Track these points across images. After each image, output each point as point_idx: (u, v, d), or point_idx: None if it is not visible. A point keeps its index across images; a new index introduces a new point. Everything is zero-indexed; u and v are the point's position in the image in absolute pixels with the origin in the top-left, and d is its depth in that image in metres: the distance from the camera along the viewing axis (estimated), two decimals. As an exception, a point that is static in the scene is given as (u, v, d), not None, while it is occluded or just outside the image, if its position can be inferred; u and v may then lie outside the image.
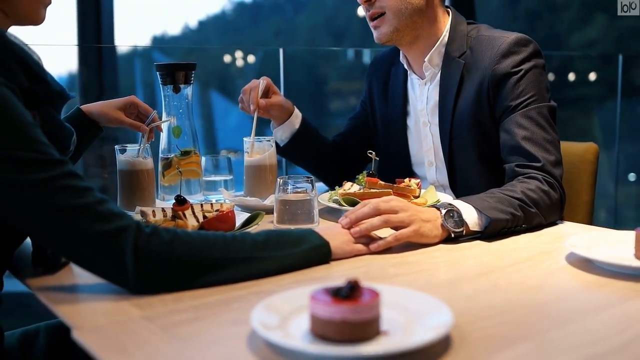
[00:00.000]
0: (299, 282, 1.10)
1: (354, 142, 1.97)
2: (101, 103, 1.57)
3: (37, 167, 0.98)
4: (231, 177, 1.80)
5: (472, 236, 1.37)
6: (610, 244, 1.24)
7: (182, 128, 1.70)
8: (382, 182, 1.65)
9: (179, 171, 1.50)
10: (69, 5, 3.60)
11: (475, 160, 1.68)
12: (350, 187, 1.68)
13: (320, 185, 2.02)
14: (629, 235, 1.21)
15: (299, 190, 1.41)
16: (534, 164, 1.50)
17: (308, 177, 1.41)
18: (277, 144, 1.88)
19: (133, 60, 4.45)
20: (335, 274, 1.17)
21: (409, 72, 1.81)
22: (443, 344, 0.84)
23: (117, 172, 1.57)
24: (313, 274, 1.16)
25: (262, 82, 1.76)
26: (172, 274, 1.05)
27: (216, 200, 1.72)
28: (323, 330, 0.83)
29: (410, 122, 1.84)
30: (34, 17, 1.22)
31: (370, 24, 1.70)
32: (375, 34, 1.69)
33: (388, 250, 1.29)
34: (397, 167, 1.88)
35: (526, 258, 1.24)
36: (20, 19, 1.20)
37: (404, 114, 1.84)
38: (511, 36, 1.61)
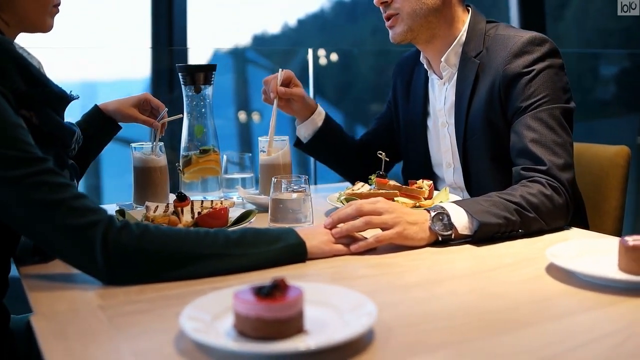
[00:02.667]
0: (269, 280, 1.13)
1: (378, 142, 1.96)
2: (117, 100, 1.66)
3: (17, 164, 1.06)
4: (251, 175, 1.85)
5: (464, 240, 1.34)
6: (595, 253, 1.18)
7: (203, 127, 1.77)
8: (392, 183, 1.64)
9: (180, 171, 1.56)
10: (144, 9, 3.78)
11: (488, 162, 1.64)
12: (361, 187, 1.69)
13: (346, 184, 2.04)
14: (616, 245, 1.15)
15: (295, 189, 1.43)
16: (539, 167, 1.45)
17: (303, 177, 1.43)
18: (299, 141, 1.92)
19: (225, 60, 4.57)
20: (309, 273, 1.19)
21: (429, 72, 1.79)
22: (360, 345, 0.84)
23: (132, 169, 1.66)
24: (286, 272, 1.18)
25: (281, 72, 1.79)
26: (141, 267, 1.10)
27: (237, 198, 1.78)
28: (242, 327, 0.86)
29: (430, 122, 1.82)
30: (41, 26, 1.31)
31: (386, 24, 1.70)
32: (390, 33, 1.69)
33: (372, 251, 1.30)
34: (418, 168, 1.86)
35: (507, 264, 1.21)
36: (27, 28, 1.30)
37: (424, 114, 1.82)
38: (526, 35, 1.57)
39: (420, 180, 1.66)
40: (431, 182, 1.66)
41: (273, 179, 1.43)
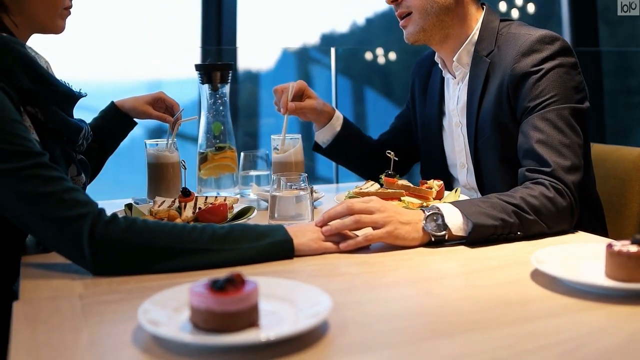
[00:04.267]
0: (254, 275, 1.14)
1: (397, 141, 1.96)
2: (132, 98, 1.72)
3: (11, 157, 1.12)
4: (268, 172, 1.88)
5: (459, 241, 1.33)
6: (585, 259, 1.14)
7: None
8: (400, 183, 1.64)
9: (183, 166, 1.60)
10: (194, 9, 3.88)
11: (498, 163, 1.61)
12: (370, 186, 1.69)
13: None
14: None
15: (295, 187, 1.45)
16: (543, 168, 1.42)
17: (303, 175, 1.45)
18: (318, 145, 1.93)
19: (291, 59, 4.62)
20: (291, 269, 1.20)
21: (443, 71, 1.77)
22: (307, 342, 0.85)
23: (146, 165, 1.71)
24: (273, 267, 1.20)
25: (293, 85, 1.80)
26: (126, 260, 1.15)
27: (253, 195, 1.82)
28: (195, 319, 0.88)
29: (445, 122, 1.80)
30: (51, 28, 1.37)
31: (400, 24, 1.69)
32: (404, 33, 1.68)
33: (363, 250, 1.30)
34: (435, 168, 1.85)
35: (492, 267, 1.19)
36: (37, 30, 1.36)
37: (440, 114, 1.81)
38: (536, 33, 1.53)
39: (431, 180, 1.65)
40: (441, 182, 1.64)
41: (273, 176, 1.45)
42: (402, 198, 1.58)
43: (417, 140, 1.93)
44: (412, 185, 1.63)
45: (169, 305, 0.94)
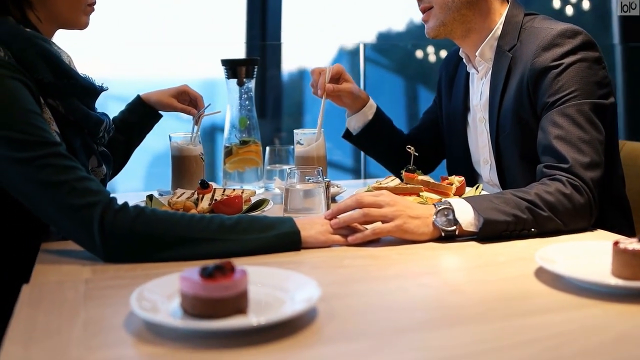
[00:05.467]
0: (259, 265, 1.16)
1: (425, 137, 1.95)
2: (157, 91, 1.76)
3: (26, 146, 1.17)
4: (293, 166, 1.89)
5: (471, 237, 1.31)
6: (592, 257, 1.11)
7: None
8: (420, 178, 1.63)
9: (202, 158, 1.63)
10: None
11: (519, 159, 1.58)
12: (390, 181, 1.68)
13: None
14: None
15: (310, 180, 1.46)
16: (561, 165, 1.38)
17: (318, 169, 1.46)
18: (349, 133, 1.94)
19: (345, 58, 4.64)
20: (295, 260, 1.21)
21: (468, 66, 1.75)
22: (294, 328, 0.87)
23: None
24: (278, 258, 1.21)
25: (330, 67, 1.80)
26: (134, 248, 1.18)
27: (277, 189, 1.84)
28: (184, 305, 0.91)
29: (470, 118, 1.78)
30: (75, 24, 1.42)
31: (422, 18, 1.68)
32: (425, 28, 1.67)
33: (373, 243, 1.30)
34: (459, 164, 1.83)
35: (497, 262, 1.18)
36: (61, 25, 1.41)
37: (465, 109, 1.78)
38: (558, 27, 1.50)
39: (452, 176, 1.64)
40: (463, 178, 1.63)
41: (287, 169, 1.46)
42: (421, 193, 1.57)
43: (443, 136, 1.91)
44: (432, 181, 1.62)
45: (162, 291, 0.96)
